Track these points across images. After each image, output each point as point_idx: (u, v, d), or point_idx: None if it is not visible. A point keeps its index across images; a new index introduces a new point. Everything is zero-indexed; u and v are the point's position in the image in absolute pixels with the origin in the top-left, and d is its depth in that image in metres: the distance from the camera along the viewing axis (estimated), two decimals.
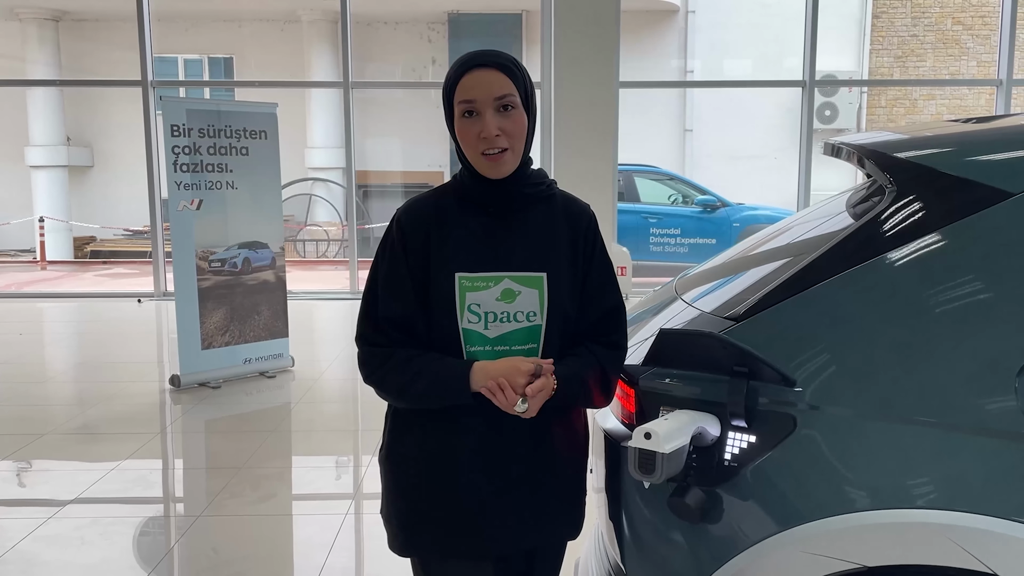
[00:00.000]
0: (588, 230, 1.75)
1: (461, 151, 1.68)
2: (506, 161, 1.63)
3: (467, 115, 1.62)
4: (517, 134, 1.64)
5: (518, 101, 1.63)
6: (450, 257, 1.67)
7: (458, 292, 1.65)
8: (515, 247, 1.69)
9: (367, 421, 4.87)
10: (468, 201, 1.70)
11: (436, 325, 1.67)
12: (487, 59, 1.63)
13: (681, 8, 15.05)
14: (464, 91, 1.61)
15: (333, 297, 8.97)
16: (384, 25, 15.74)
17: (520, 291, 1.67)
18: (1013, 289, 1.49)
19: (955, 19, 14.88)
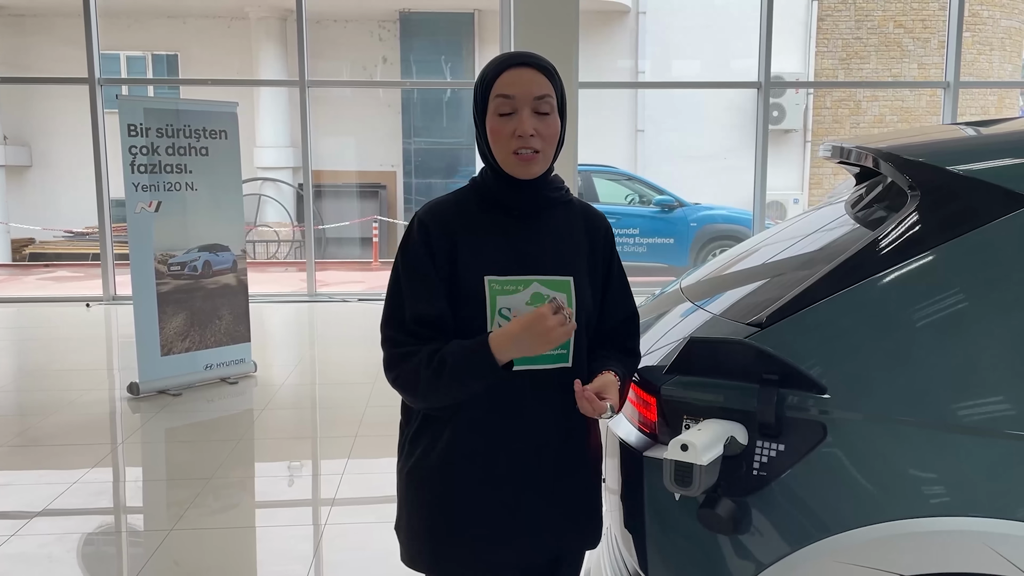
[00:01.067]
0: (606, 238, 1.74)
1: (486, 150, 1.64)
2: (537, 163, 1.60)
3: (503, 112, 1.58)
4: (550, 138, 1.61)
5: (554, 105, 1.61)
6: (479, 260, 1.62)
7: (488, 296, 1.60)
8: (542, 250, 1.65)
9: (336, 427, 4.77)
10: (491, 203, 1.66)
11: (465, 331, 1.61)
12: (529, 59, 1.60)
13: (632, 9, 15.15)
14: (503, 86, 1.58)
15: (292, 300, 8.80)
16: (334, 23, 15.53)
17: (549, 295, 1.63)
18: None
19: (896, 22, 15.24)
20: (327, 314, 8.14)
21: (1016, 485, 1.43)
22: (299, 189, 15.64)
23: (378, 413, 5.01)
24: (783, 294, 1.71)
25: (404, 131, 15.94)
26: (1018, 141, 1.71)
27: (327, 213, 15.01)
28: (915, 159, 1.68)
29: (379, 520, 3.55)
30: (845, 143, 2.11)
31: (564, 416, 1.65)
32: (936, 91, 15.20)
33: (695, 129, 14.95)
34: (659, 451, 1.70)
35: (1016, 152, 1.65)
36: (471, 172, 16.27)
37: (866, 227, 1.95)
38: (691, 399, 1.67)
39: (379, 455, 4.35)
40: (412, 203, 15.92)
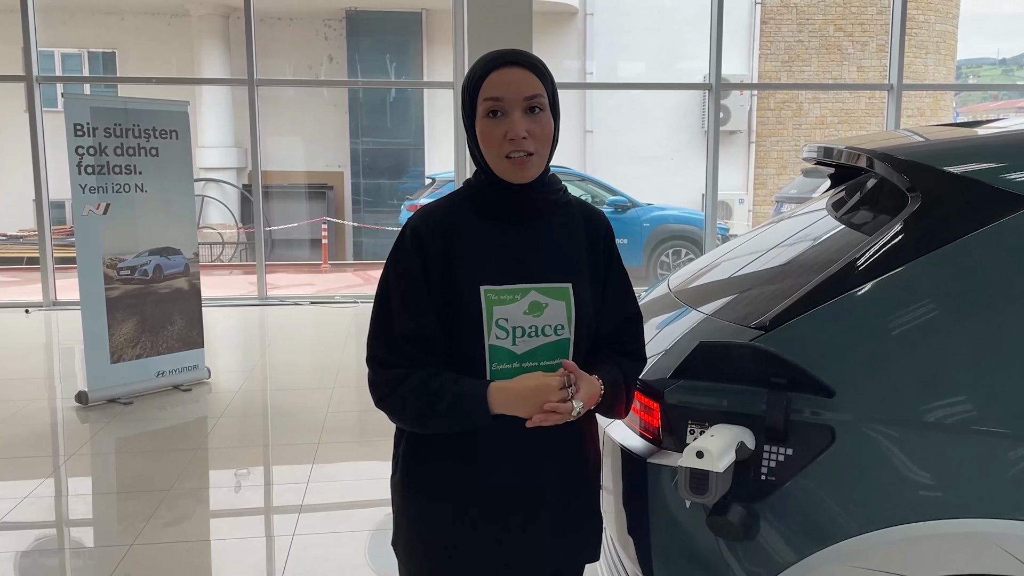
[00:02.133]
0: (606, 238, 1.69)
1: (478, 154, 1.59)
2: (531, 165, 1.55)
3: (492, 114, 1.52)
4: (544, 138, 1.55)
5: (547, 103, 1.55)
6: (474, 269, 1.57)
7: (485, 307, 1.55)
8: (539, 257, 1.60)
9: (297, 434, 4.66)
10: (486, 209, 1.61)
11: (460, 342, 1.57)
12: (517, 57, 1.54)
13: (580, 10, 15.21)
14: (491, 88, 1.52)
15: (242, 304, 8.61)
16: (279, 21, 15.27)
17: (547, 303, 1.58)
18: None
19: (836, 26, 15.58)
20: (279, 318, 7.98)
21: None
22: (243, 190, 15.34)
23: (340, 419, 4.92)
24: (785, 297, 1.71)
25: (352, 131, 15.74)
26: (1015, 143, 1.72)
27: (273, 214, 14.75)
28: (916, 161, 1.69)
29: (351, 529, 3.48)
30: (834, 144, 2.11)
31: (565, 427, 1.61)
32: (875, 93, 15.61)
33: (643, 130, 15.07)
34: (664, 457, 1.68)
35: (1015, 154, 1.67)
36: (419, 172, 16.16)
37: (856, 229, 1.96)
38: (696, 404, 1.65)
39: (344, 460, 4.27)
40: (360, 204, 15.75)
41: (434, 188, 10.00)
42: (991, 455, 1.46)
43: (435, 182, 10.10)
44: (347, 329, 7.51)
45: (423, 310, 1.55)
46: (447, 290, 1.57)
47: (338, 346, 6.86)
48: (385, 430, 1.65)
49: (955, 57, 16.68)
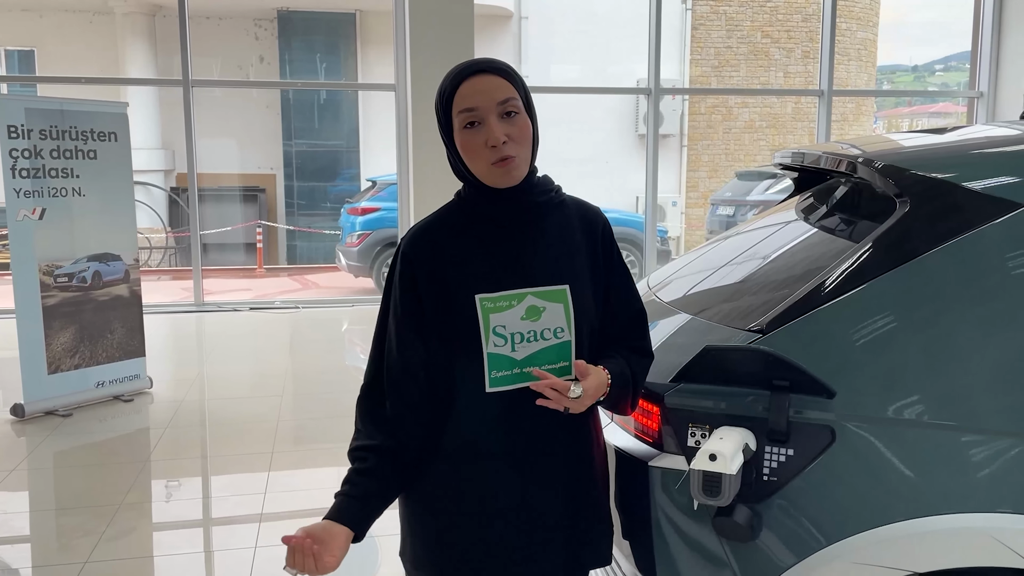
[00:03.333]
0: (604, 235, 1.67)
1: (461, 167, 1.58)
2: (516, 167, 1.54)
3: (469, 125, 1.51)
4: (523, 140, 1.54)
5: (521, 105, 1.54)
6: (468, 279, 1.55)
7: (481, 315, 1.54)
8: (533, 261, 1.59)
9: (249, 443, 4.55)
10: (480, 218, 1.60)
11: (460, 353, 1.55)
12: (483, 65, 1.53)
13: (514, 13, 15.26)
14: (464, 100, 1.51)
15: (178, 310, 8.38)
16: (207, 20, 14.92)
17: (545, 307, 1.57)
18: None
19: (764, 32, 15.99)
20: (218, 324, 7.79)
21: (1020, 480, 1.50)
22: (172, 193, 14.94)
23: (293, 427, 4.83)
24: (778, 301, 1.74)
25: (284, 133, 15.48)
26: (998, 149, 1.79)
27: (204, 218, 14.37)
28: (903, 167, 1.74)
29: None
30: (810, 150, 2.17)
31: (570, 433, 1.61)
32: (801, 99, 16.07)
33: (577, 134, 15.19)
34: (666, 460, 1.70)
35: (999, 160, 1.74)
36: (354, 175, 15.99)
37: (837, 233, 2.02)
38: (697, 407, 1.67)
39: (302, 468, 4.19)
40: (294, 207, 15.49)
41: (375, 191, 9.90)
42: (984, 451, 1.52)
43: (376, 185, 9.99)
44: (290, 335, 7.38)
45: (417, 336, 1.58)
46: (444, 301, 1.56)
47: (283, 352, 6.73)
48: (343, 437, 1.66)
49: (875, 64, 17.29)
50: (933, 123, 18.77)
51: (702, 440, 1.65)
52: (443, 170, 7.37)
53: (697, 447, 1.65)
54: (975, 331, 1.58)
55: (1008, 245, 1.60)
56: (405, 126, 8.37)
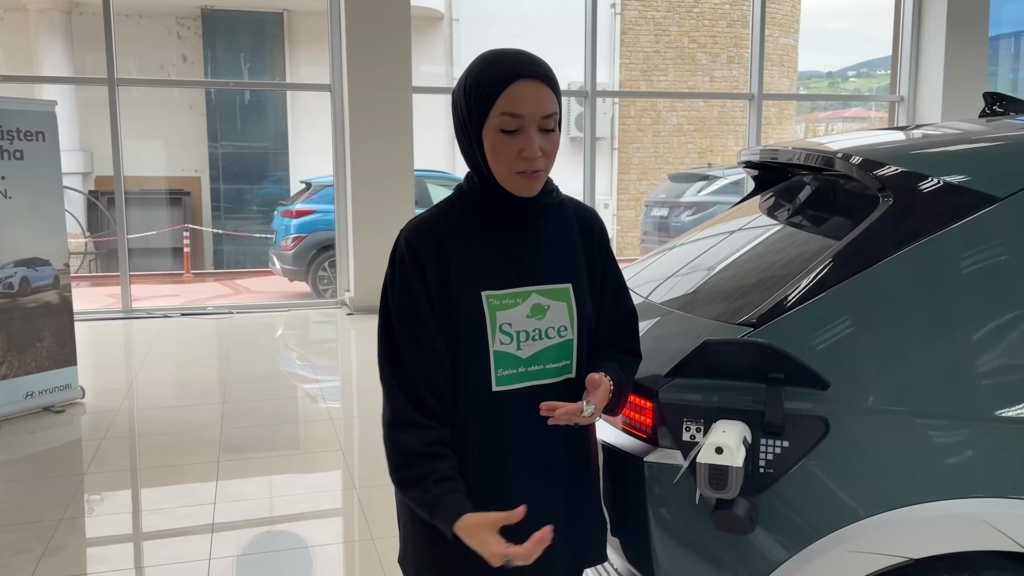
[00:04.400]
0: (601, 237, 1.68)
1: (480, 161, 1.52)
2: (540, 180, 1.52)
3: (507, 130, 1.46)
4: (553, 155, 1.52)
5: (558, 120, 1.52)
6: (474, 275, 1.53)
7: (488, 313, 1.52)
8: (537, 259, 1.58)
9: (193, 453, 4.40)
10: (482, 214, 1.57)
11: (465, 351, 1.52)
12: (537, 72, 1.47)
13: (445, 15, 15.22)
14: (511, 103, 1.45)
15: (105, 317, 8.07)
16: (127, 18, 14.46)
17: (549, 305, 1.56)
18: (1016, 284, 1.63)
19: (691, 38, 16.30)
20: (149, 331, 7.53)
21: (1009, 465, 1.54)
22: (91, 196, 14.42)
23: (238, 435, 4.69)
24: (767, 295, 1.76)
25: (209, 134, 15.09)
26: (980, 144, 1.85)
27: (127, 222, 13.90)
28: (886, 163, 1.78)
29: (271, 549, 3.32)
30: (781, 147, 2.20)
31: (570, 432, 1.60)
32: (726, 103, 16.44)
33: None
34: (661, 456, 1.69)
35: (979, 155, 1.79)
36: (281, 177, 15.69)
37: (809, 228, 2.05)
38: (692, 402, 1.67)
39: (252, 476, 4.07)
40: (220, 210, 15.11)
41: (310, 194, 9.71)
42: (976, 438, 1.56)
43: (311, 187, 9.80)
44: (227, 341, 7.18)
45: (432, 334, 1.51)
46: (448, 298, 1.52)
47: (219, 359, 6.55)
48: (292, 444, 1.61)
49: (797, 69, 17.81)
50: (848, 127, 19.45)
51: (697, 434, 1.66)
52: (381, 171, 7.47)
53: (692, 441, 1.65)
54: (962, 319, 1.62)
55: (989, 237, 1.65)
56: (342, 127, 8.25)
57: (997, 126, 1.99)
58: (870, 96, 14.59)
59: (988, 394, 1.58)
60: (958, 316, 1.63)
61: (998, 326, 1.61)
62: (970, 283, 1.64)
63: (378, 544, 3.36)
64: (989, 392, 1.58)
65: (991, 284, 1.63)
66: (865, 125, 19.29)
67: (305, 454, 4.46)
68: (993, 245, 1.65)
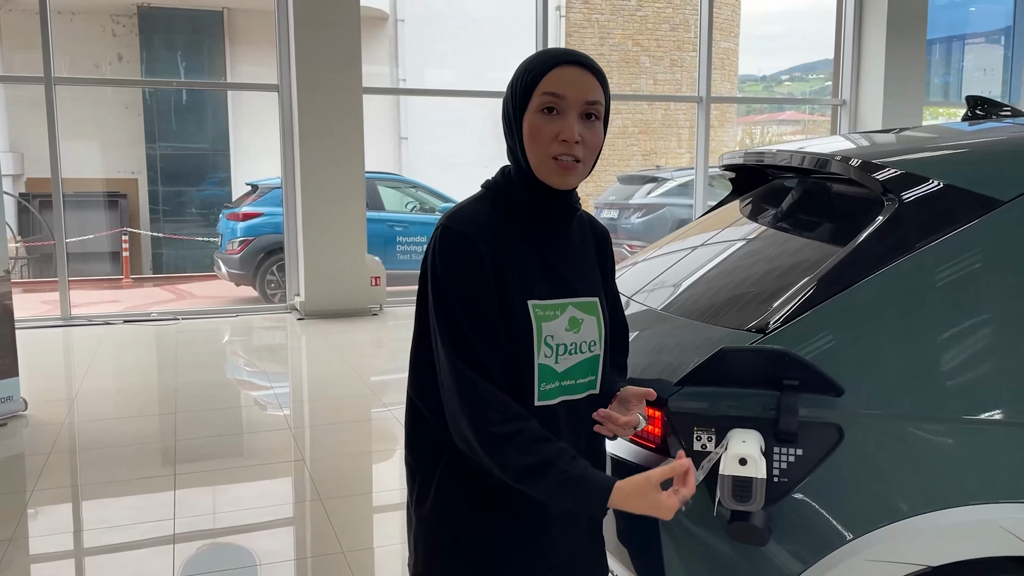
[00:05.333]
0: (611, 252, 1.66)
1: (519, 152, 1.46)
2: (577, 173, 1.45)
3: (548, 110, 1.41)
4: (593, 148, 1.45)
5: (603, 112, 1.46)
6: (523, 282, 1.45)
7: (535, 323, 1.44)
8: (569, 269, 1.52)
9: (146, 466, 4.23)
10: (521, 214, 1.49)
11: (507, 360, 1.43)
12: (582, 58, 1.44)
13: (390, 16, 15.07)
14: (553, 84, 1.41)
15: (43, 325, 7.76)
16: (59, 15, 13.96)
17: (583, 319, 1.50)
18: (1013, 285, 1.63)
19: (634, 41, 16.44)
20: (90, 339, 7.25)
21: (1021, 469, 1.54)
22: (22, 199, 13.88)
23: (194, 446, 4.53)
24: (774, 300, 1.73)
25: (147, 135, 14.67)
26: (982, 148, 1.85)
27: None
28: (890, 166, 1.77)
29: (238, 566, 3.20)
30: (767, 149, 2.19)
31: (593, 443, 1.57)
32: (669, 105, 16.62)
33: (457, 137, 15.15)
34: None
35: (983, 159, 1.79)
36: (222, 178, 15.34)
37: (805, 232, 2.04)
38: (701, 410, 1.64)
39: (211, 487, 3.93)
40: (159, 213, 14.70)
41: (257, 196, 9.49)
42: (991, 443, 1.56)
43: (258, 189, 9.57)
44: (174, 348, 6.96)
45: (498, 326, 1.42)
46: (499, 301, 1.43)
47: (167, 367, 6.34)
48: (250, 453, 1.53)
49: (737, 73, 18.10)
50: (783, 130, 19.87)
51: (708, 443, 1.63)
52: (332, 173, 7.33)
53: (704, 451, 1.62)
54: (976, 322, 1.62)
55: (995, 239, 1.65)
56: (290, 127, 8.07)
57: (988, 130, 2.01)
58: (814, 99, 14.88)
59: (1002, 398, 1.58)
60: (971, 319, 1.62)
61: (1013, 329, 1.61)
62: (982, 286, 1.64)
63: (349, 557, 3.27)
64: (1003, 396, 1.58)
65: (1003, 286, 1.63)
66: (800, 128, 19.74)
67: (265, 464, 4.32)
68: (1000, 247, 1.65)
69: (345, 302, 8.06)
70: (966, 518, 1.53)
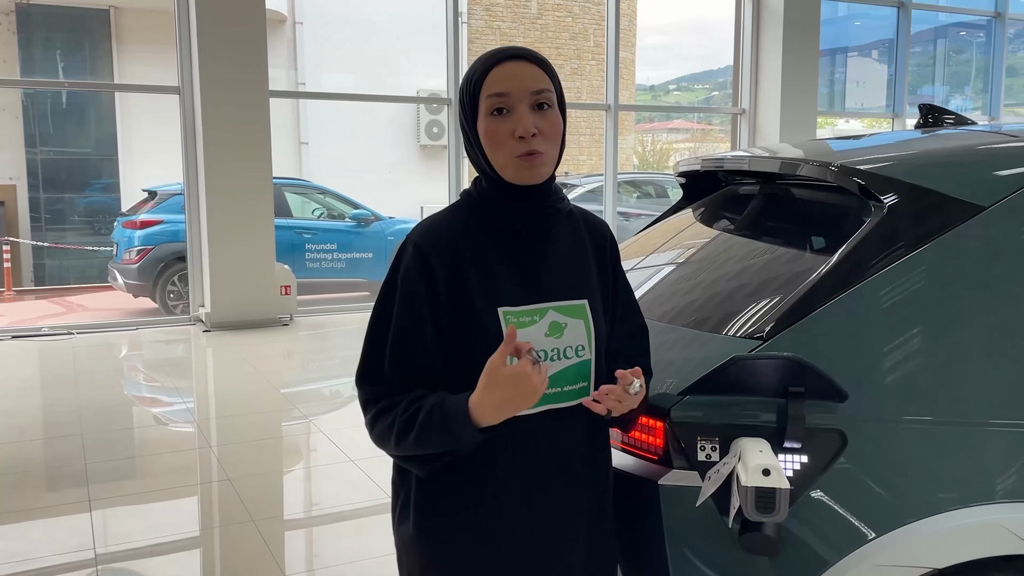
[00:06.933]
0: (612, 250, 1.61)
1: (482, 160, 1.45)
2: (543, 164, 1.43)
3: (497, 112, 1.40)
4: (553, 136, 1.44)
5: (554, 99, 1.44)
6: (490, 290, 1.42)
7: (505, 330, 1.40)
8: (551, 273, 1.49)
9: (52, 493, 3.94)
10: (492, 222, 1.47)
11: (478, 370, 1.39)
12: (519, 51, 1.44)
13: (288, 18, 14.71)
14: (495, 83, 1.40)
15: None
16: None
17: (566, 323, 1.47)
18: (1005, 288, 1.67)
19: (536, 48, 16.54)
20: None
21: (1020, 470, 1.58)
22: None
23: (106, 468, 4.25)
24: (771, 307, 1.73)
25: (26, 139, 13.82)
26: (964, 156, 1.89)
27: None
28: (885, 174, 1.79)
29: None
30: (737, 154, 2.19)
31: (589, 448, 1.52)
32: (571, 112, 16.79)
33: (358, 143, 14.91)
34: (677, 477, 1.62)
35: (967, 164, 1.83)
36: (109, 184, 14.60)
37: (782, 240, 2.05)
38: (704, 420, 1.61)
39: (132, 513, 3.68)
40: (40, 221, 13.87)
41: (155, 203, 9.04)
42: (990, 445, 1.59)
43: (156, 196, 9.12)
44: (71, 365, 6.54)
45: (427, 339, 1.41)
46: (460, 314, 1.41)
47: (68, 384, 5.94)
48: (168, 471, 1.47)
49: (635, 82, 18.48)
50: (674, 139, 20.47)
51: (712, 454, 1.60)
52: (238, 179, 7.09)
53: (708, 461, 1.59)
54: (969, 325, 1.65)
55: (979, 244, 1.69)
56: (193, 131, 7.73)
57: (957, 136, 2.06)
58: (717, 108, 15.30)
59: (994, 400, 1.61)
60: (958, 323, 1.65)
61: (1001, 332, 1.64)
62: (970, 290, 1.67)
63: None
64: (995, 398, 1.61)
65: (996, 290, 1.67)
66: (689, 137, 20.37)
67: (187, 485, 4.09)
68: (983, 251, 1.69)
69: (254, 313, 7.77)
70: (968, 520, 1.55)
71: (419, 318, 1.41)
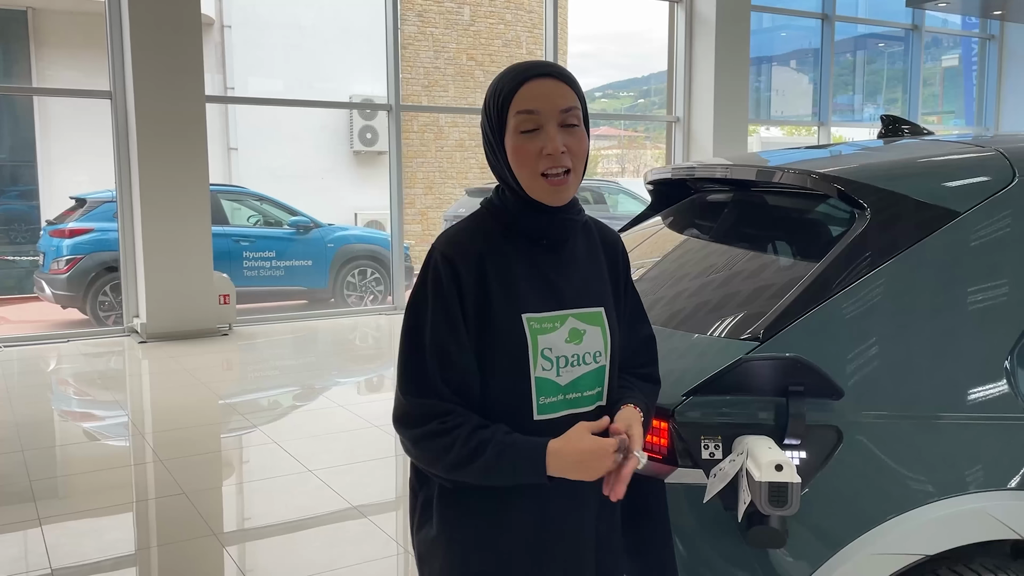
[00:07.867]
0: (624, 261, 1.66)
1: (507, 174, 1.48)
2: (569, 185, 1.47)
3: (526, 130, 1.42)
4: (580, 154, 1.47)
5: (581, 117, 1.47)
6: (514, 297, 1.46)
7: (529, 336, 1.45)
8: (569, 281, 1.53)
9: (4, 507, 3.81)
10: (514, 229, 1.50)
11: (502, 376, 1.44)
12: (549, 68, 1.46)
13: (216, 21, 14.41)
14: (525, 101, 1.42)
15: None
16: None
17: (585, 330, 1.51)
18: (981, 288, 1.78)
19: (468, 55, 16.61)
20: None
21: (1003, 460, 1.68)
22: None
23: (53, 485, 4.11)
24: (765, 309, 1.79)
25: None
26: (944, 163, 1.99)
27: None
28: (864, 181, 1.87)
29: None
30: (736, 161, 2.26)
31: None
32: None
33: (288, 149, 14.70)
34: (683, 476, 1.67)
35: (944, 172, 1.93)
36: (27, 191, 14.05)
37: (765, 245, 2.13)
38: (707, 419, 1.66)
39: (85, 533, 3.56)
40: None
41: (84, 210, 8.74)
42: (974, 436, 1.68)
43: (86, 203, 8.81)
44: (2, 379, 6.29)
45: (463, 352, 1.44)
46: (485, 320, 1.44)
47: (1, 400, 5.71)
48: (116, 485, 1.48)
49: None
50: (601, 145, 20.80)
51: (716, 452, 1.65)
52: (174, 186, 7.01)
53: (713, 459, 1.65)
54: (944, 327, 1.74)
55: (956, 248, 1.79)
56: (126, 137, 7.53)
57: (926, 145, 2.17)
58: (652, 116, 15.56)
59: (978, 394, 1.71)
60: (938, 321, 1.75)
61: (975, 328, 1.74)
62: (948, 292, 1.77)
63: None
64: (979, 392, 1.71)
65: (967, 292, 1.77)
66: (616, 143, 20.73)
67: (140, 500, 3.98)
68: (965, 254, 1.79)
69: (192, 322, 7.60)
70: (956, 508, 1.64)
71: (455, 327, 1.43)
